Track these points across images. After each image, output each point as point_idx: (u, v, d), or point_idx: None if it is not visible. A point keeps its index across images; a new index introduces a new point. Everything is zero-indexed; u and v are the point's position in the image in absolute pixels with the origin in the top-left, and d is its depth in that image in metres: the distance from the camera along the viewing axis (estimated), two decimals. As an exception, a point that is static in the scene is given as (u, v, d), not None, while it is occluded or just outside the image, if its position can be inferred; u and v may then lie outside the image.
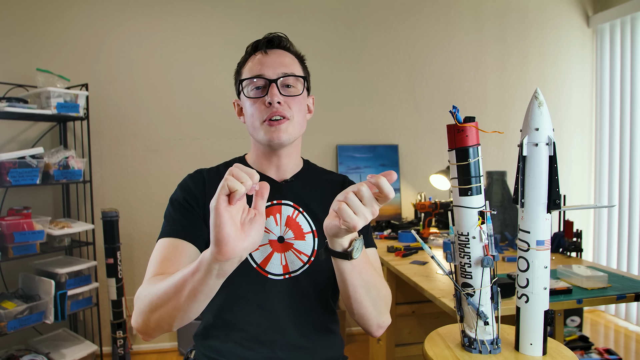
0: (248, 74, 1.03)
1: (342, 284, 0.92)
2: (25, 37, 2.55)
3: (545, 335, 0.87)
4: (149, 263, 0.96)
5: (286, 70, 1.01)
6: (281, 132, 1.00)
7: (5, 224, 2.07)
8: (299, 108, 1.03)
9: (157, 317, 0.83)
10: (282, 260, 1.01)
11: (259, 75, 1.00)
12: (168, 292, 0.80)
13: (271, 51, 1.04)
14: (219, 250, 0.70)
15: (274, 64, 1.01)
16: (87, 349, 2.38)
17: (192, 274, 0.76)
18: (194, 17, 2.78)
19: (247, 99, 1.02)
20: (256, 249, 0.99)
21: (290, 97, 1.02)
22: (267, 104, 0.99)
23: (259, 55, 1.03)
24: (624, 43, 3.10)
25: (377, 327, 1.00)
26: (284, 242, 1.02)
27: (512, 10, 3.22)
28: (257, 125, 1.01)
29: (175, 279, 0.79)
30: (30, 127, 2.57)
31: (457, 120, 0.85)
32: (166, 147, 2.78)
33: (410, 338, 2.21)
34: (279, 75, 1.00)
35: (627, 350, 2.76)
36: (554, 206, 0.84)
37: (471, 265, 0.88)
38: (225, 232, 0.69)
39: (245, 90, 1.03)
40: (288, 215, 1.04)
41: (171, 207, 1.03)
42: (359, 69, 3.03)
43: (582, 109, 3.37)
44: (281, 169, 1.08)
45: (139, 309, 0.87)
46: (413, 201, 2.89)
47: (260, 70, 1.01)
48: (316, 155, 2.97)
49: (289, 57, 1.05)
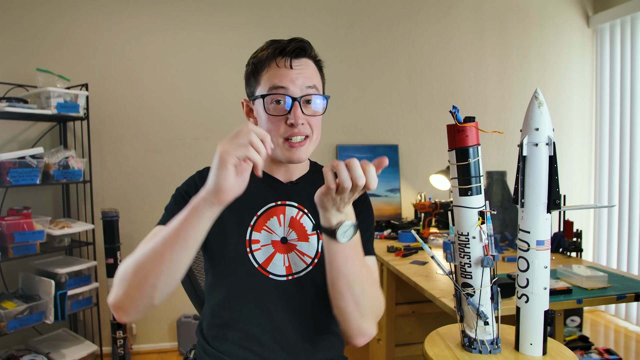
0: (269, 84, 0.97)
1: (328, 266, 0.91)
2: (25, 37, 2.55)
3: (545, 335, 0.87)
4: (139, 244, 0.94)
5: (309, 84, 0.98)
6: (302, 152, 0.99)
7: (5, 224, 2.07)
8: (317, 124, 1.01)
9: (140, 279, 0.81)
10: (285, 261, 1.01)
11: (282, 89, 0.96)
12: (156, 246, 0.81)
13: (295, 62, 0.98)
14: (218, 197, 0.78)
15: (299, 79, 0.97)
16: (87, 349, 2.38)
17: (183, 221, 0.80)
18: (194, 17, 2.78)
19: (265, 114, 0.98)
20: (258, 248, 1.00)
21: (312, 116, 0.99)
22: (289, 125, 0.96)
23: (282, 66, 0.97)
24: (624, 43, 3.10)
25: (358, 332, 0.95)
26: (287, 243, 1.02)
27: (512, 10, 3.22)
28: (276, 142, 0.98)
29: (163, 233, 0.82)
30: (30, 127, 2.57)
31: (457, 120, 0.85)
32: (166, 147, 2.78)
33: (410, 338, 2.21)
34: (303, 92, 0.97)
35: (627, 350, 2.76)
36: (554, 206, 0.85)
37: (471, 265, 0.88)
38: (229, 182, 0.77)
39: (265, 102, 0.97)
40: (292, 216, 1.03)
41: (173, 198, 1.03)
42: (359, 68, 3.03)
43: (582, 109, 3.37)
44: (289, 172, 1.08)
45: (120, 277, 0.84)
46: (413, 201, 2.89)
47: (283, 83, 0.96)
48: (316, 155, 2.93)
49: (312, 67, 1.01)
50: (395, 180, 3.06)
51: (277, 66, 0.98)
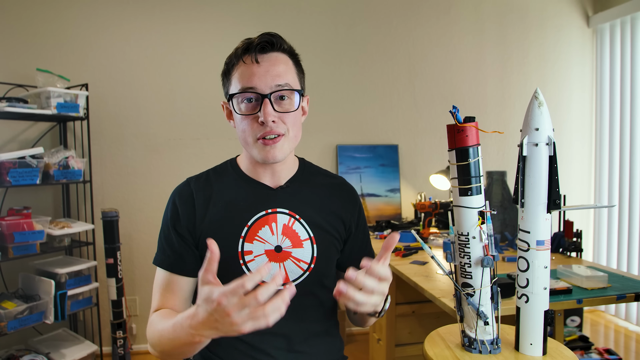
0: (238, 84, 0.95)
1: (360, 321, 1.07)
2: (25, 37, 2.55)
3: (545, 335, 0.87)
4: (153, 291, 1.01)
5: (280, 82, 0.94)
6: (276, 150, 0.95)
7: (5, 224, 2.07)
8: (293, 121, 0.97)
9: (164, 352, 0.90)
10: (280, 270, 0.99)
11: (250, 88, 0.93)
12: (162, 341, 0.87)
13: (263, 57, 0.94)
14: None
15: (267, 75, 0.93)
16: (87, 349, 2.38)
17: (183, 345, 0.82)
18: (194, 17, 2.78)
19: (237, 114, 0.96)
20: (252, 259, 0.98)
21: (284, 113, 0.95)
22: (260, 123, 0.93)
23: (249, 63, 0.94)
24: (624, 43, 3.10)
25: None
26: (282, 251, 0.99)
27: (512, 11, 3.22)
28: (250, 142, 0.96)
29: (165, 334, 0.85)
30: (30, 127, 2.57)
31: (457, 120, 0.85)
32: (166, 147, 2.78)
33: (410, 338, 2.21)
34: (272, 89, 0.93)
35: (627, 350, 2.76)
36: (554, 206, 0.85)
37: (471, 265, 0.88)
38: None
39: (235, 102, 0.96)
40: (284, 223, 1.00)
41: (162, 232, 1.02)
42: (359, 68, 3.03)
43: (582, 109, 3.37)
44: (276, 175, 1.04)
45: (151, 342, 0.93)
46: (413, 201, 2.89)
47: (252, 82, 0.93)
48: (316, 155, 2.97)
49: (283, 61, 0.96)
50: (395, 180, 3.06)
51: (245, 63, 0.95)
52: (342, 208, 1.08)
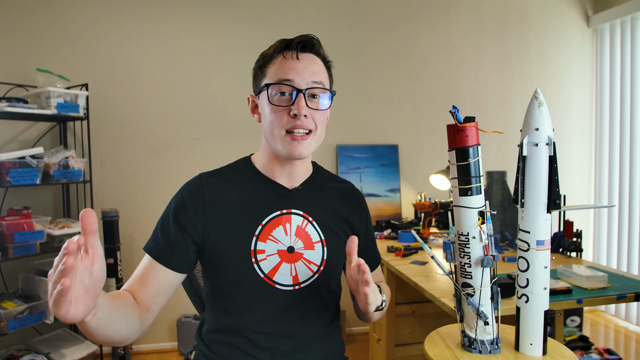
0: (274, 76, 0.96)
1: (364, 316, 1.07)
2: (25, 37, 2.55)
3: (545, 335, 0.87)
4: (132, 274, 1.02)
5: (316, 79, 0.96)
6: (303, 147, 0.96)
7: (5, 224, 2.07)
8: (322, 120, 1.00)
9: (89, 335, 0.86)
10: (291, 270, 0.99)
11: (288, 80, 0.95)
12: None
13: (303, 55, 0.97)
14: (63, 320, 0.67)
15: (305, 71, 0.96)
16: (87, 349, 2.38)
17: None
18: (194, 17, 2.78)
19: (269, 104, 0.97)
20: (264, 258, 0.98)
21: (316, 110, 0.97)
22: (292, 115, 0.94)
23: (289, 58, 0.97)
24: (624, 43, 3.10)
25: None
26: (294, 252, 1.00)
27: (512, 11, 3.22)
28: (277, 134, 0.96)
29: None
30: (30, 127, 2.57)
31: (457, 120, 0.85)
32: (166, 147, 2.78)
33: (410, 338, 2.21)
34: (308, 85, 0.95)
35: (627, 350, 2.76)
36: (554, 206, 0.85)
37: (471, 265, 0.88)
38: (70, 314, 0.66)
39: (269, 93, 0.96)
40: (298, 224, 1.01)
41: (161, 221, 1.01)
42: (359, 68, 3.03)
43: (582, 109, 3.37)
44: (292, 176, 1.04)
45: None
46: (413, 201, 2.89)
47: (290, 74, 0.95)
48: (316, 155, 2.94)
49: (319, 63, 1.00)
50: (395, 180, 3.06)
51: (284, 58, 0.97)
52: (350, 213, 1.10)
